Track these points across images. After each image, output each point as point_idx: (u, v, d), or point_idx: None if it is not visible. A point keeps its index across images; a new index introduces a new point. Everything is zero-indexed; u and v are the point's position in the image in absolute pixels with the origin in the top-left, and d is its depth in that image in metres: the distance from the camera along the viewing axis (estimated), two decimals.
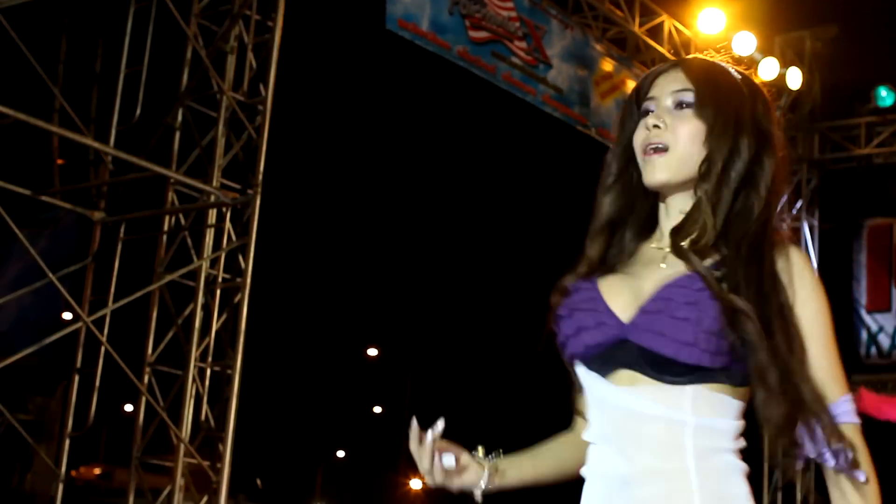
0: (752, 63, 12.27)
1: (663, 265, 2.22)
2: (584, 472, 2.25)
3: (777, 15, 12.71)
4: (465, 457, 2.37)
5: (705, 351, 2.08)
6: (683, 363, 2.09)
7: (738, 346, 2.09)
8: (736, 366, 2.11)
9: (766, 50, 12.43)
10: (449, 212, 28.07)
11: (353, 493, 33.30)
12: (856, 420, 2.16)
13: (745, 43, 11.96)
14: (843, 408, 2.15)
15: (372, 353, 31.70)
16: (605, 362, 2.17)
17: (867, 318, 13.34)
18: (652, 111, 2.27)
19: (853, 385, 2.28)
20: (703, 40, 11.91)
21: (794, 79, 12.77)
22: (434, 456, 2.33)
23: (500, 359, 27.10)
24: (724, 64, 2.34)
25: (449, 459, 2.35)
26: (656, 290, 2.14)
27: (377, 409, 35.32)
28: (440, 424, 2.31)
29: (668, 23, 11.65)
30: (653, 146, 2.22)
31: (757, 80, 2.38)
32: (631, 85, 11.33)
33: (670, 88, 2.27)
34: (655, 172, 2.22)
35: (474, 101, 17.36)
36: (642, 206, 2.33)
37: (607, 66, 11.26)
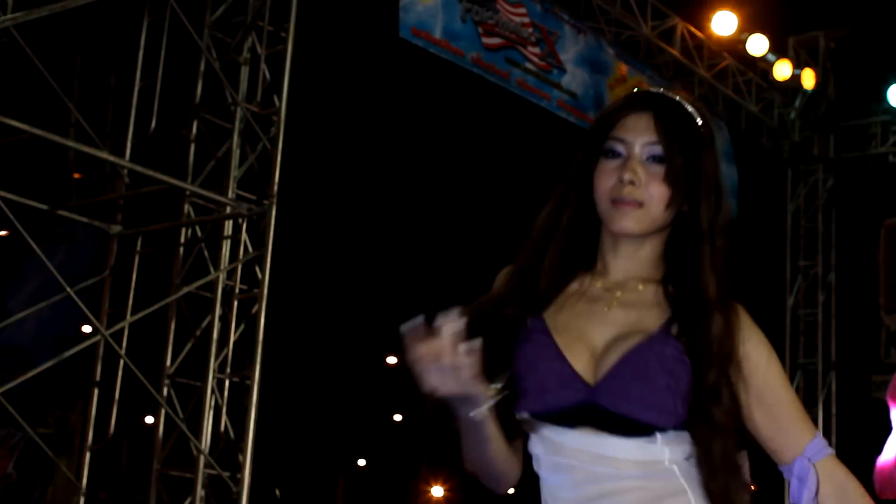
0: (766, 64, 12.26)
1: (609, 310, 2.23)
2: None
3: (790, 15, 12.71)
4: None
5: (678, 414, 2.12)
6: (656, 424, 2.12)
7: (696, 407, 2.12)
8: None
9: (779, 51, 12.41)
10: (466, 219, 28.07)
11: (375, 501, 33.29)
12: (831, 451, 2.23)
13: (759, 44, 11.95)
14: (818, 446, 2.22)
15: (391, 362, 31.66)
16: (563, 420, 2.17)
17: (886, 319, 13.28)
18: (621, 155, 2.24)
19: (874, 385, 2.32)
20: (716, 42, 11.91)
21: (809, 79, 12.75)
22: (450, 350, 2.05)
23: None
24: (689, 108, 2.28)
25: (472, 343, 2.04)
26: (626, 353, 2.14)
27: (397, 418, 35.28)
28: (457, 319, 2.07)
29: (680, 25, 11.63)
30: (627, 200, 2.21)
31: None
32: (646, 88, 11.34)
33: (642, 139, 2.23)
34: (627, 223, 2.21)
35: (489, 108, 17.36)
36: (576, 236, 2.31)
37: (621, 69, 11.25)
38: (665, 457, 2.13)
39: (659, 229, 2.25)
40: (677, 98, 2.29)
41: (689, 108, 2.28)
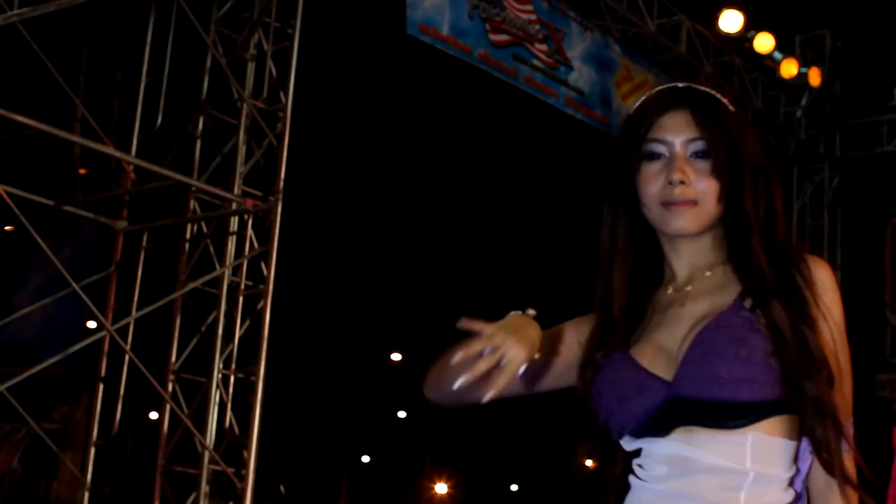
0: (772, 62, 12.25)
1: (683, 308, 2.20)
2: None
3: (797, 14, 12.69)
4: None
5: (765, 384, 2.05)
6: (745, 402, 2.06)
7: (789, 373, 2.07)
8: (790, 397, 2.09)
9: (786, 49, 12.40)
10: (471, 216, 28.05)
11: (379, 498, 33.31)
12: (849, 447, 2.17)
13: (765, 42, 11.94)
14: (846, 433, 2.17)
15: (396, 359, 31.67)
16: (658, 427, 2.12)
17: (891, 318, 13.22)
18: (663, 156, 2.22)
19: (879, 384, 2.30)
20: (722, 40, 11.90)
21: (815, 77, 12.73)
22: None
23: None
24: (722, 100, 2.26)
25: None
26: (695, 336, 2.11)
27: (401, 415, 35.30)
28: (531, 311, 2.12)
29: (686, 23, 11.62)
30: (679, 201, 2.19)
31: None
32: (652, 86, 11.33)
33: (683, 136, 2.20)
34: (684, 222, 2.18)
35: (496, 105, 17.35)
36: (636, 249, 2.29)
37: (628, 67, 11.24)
38: (750, 470, 2.06)
39: (714, 223, 2.23)
40: (707, 90, 2.27)
41: (721, 97, 2.26)
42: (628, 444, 2.18)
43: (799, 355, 2.08)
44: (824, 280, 2.19)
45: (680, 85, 2.30)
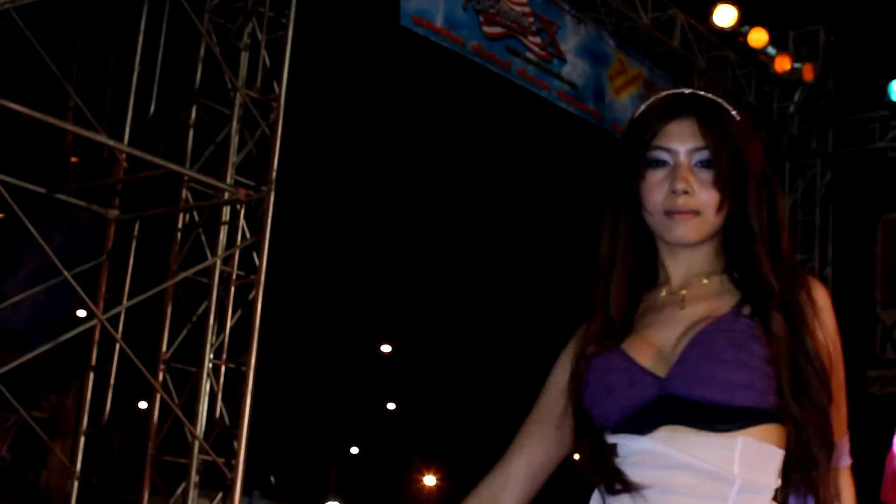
0: (766, 57, 12.26)
1: (680, 310, 2.20)
2: None
3: (791, 9, 12.70)
4: None
5: (760, 391, 2.06)
6: (738, 407, 2.05)
7: (787, 385, 2.08)
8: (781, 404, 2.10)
9: (779, 44, 12.41)
10: (463, 208, 28.06)
11: (368, 489, 33.31)
12: (849, 462, 2.20)
13: (759, 37, 11.95)
14: (843, 450, 2.19)
15: (386, 350, 31.69)
16: (642, 423, 2.10)
17: (882, 314, 13.30)
18: (667, 164, 2.22)
19: (869, 381, 2.31)
20: (716, 35, 11.91)
21: (808, 73, 12.75)
22: None
23: (514, 356, 27.08)
24: (726, 106, 2.26)
25: None
26: (693, 336, 2.11)
27: (391, 406, 35.32)
28: None
29: (680, 17, 11.62)
30: (682, 211, 2.19)
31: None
32: (645, 79, 11.34)
33: (688, 146, 2.21)
34: (686, 232, 2.19)
35: (488, 97, 17.34)
36: (632, 252, 2.29)
37: (622, 60, 11.24)
38: (735, 473, 2.04)
39: (714, 232, 2.24)
40: (713, 97, 2.27)
41: (727, 106, 2.26)
42: (606, 438, 2.16)
43: (798, 369, 2.09)
44: (824, 300, 2.21)
45: (686, 91, 2.29)
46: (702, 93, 2.28)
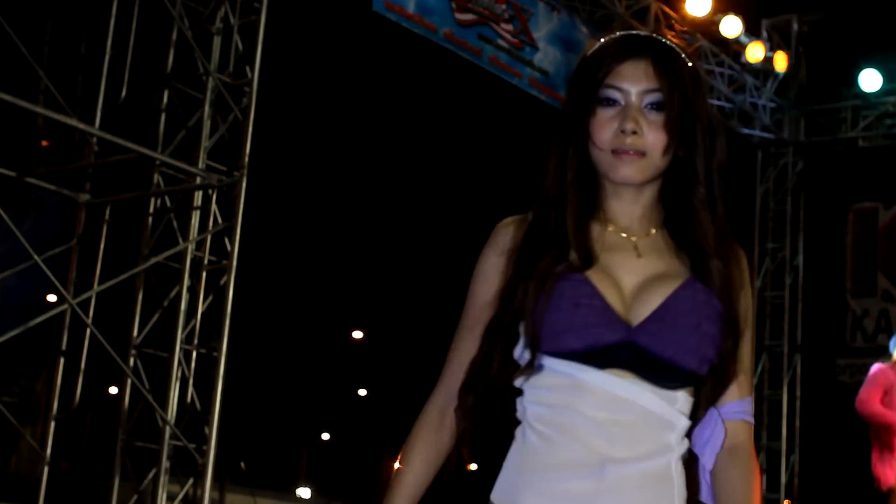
0: (739, 46, 12.29)
1: (638, 258, 2.24)
2: (544, 456, 2.20)
3: None
4: None
5: (704, 359, 2.15)
6: (686, 370, 2.14)
7: (722, 352, 2.17)
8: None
9: (752, 33, 12.45)
10: (434, 195, 28.06)
11: (339, 475, 33.32)
12: (752, 421, 2.30)
13: (732, 26, 11.97)
14: (747, 407, 2.29)
15: (357, 336, 31.67)
16: (599, 360, 2.15)
17: (852, 303, 13.37)
18: (618, 103, 2.23)
19: (839, 369, 2.37)
20: (690, 23, 11.92)
21: (781, 62, 12.79)
22: None
23: None
24: (681, 52, 2.29)
25: None
26: (668, 297, 2.16)
27: (362, 392, 35.31)
28: None
29: (654, 5, 11.64)
30: (629, 150, 2.22)
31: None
32: None
33: (641, 87, 2.23)
34: (631, 172, 2.21)
35: (460, 84, 17.34)
36: (580, 186, 2.31)
37: None
38: (678, 424, 2.16)
39: (658, 175, 2.26)
40: (669, 42, 2.30)
41: (681, 52, 2.29)
42: (553, 364, 2.19)
43: (732, 335, 2.19)
44: (746, 265, 2.31)
45: (642, 33, 2.32)
46: (657, 36, 2.31)
